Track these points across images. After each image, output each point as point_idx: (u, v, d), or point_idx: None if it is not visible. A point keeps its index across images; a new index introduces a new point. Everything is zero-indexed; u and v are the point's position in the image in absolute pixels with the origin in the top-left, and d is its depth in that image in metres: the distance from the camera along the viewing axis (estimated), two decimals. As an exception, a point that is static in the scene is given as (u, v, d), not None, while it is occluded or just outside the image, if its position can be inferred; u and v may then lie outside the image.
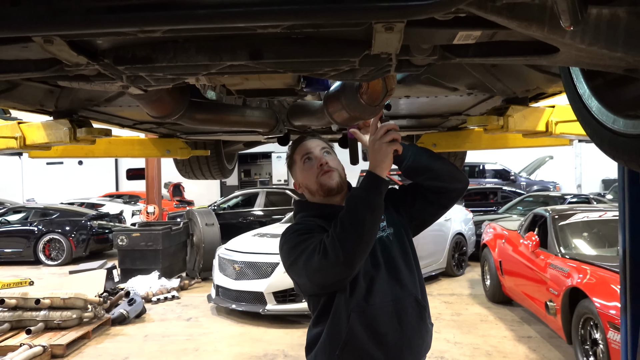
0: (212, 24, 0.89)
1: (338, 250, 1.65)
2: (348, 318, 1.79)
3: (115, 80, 1.38)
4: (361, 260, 1.72)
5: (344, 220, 1.68)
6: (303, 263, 1.75)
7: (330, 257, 1.66)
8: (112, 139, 3.66)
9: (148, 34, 1.00)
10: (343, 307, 1.80)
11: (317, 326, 1.88)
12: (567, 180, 20.20)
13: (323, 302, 1.85)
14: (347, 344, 1.79)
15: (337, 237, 1.66)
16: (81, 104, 2.48)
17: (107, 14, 0.86)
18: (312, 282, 1.79)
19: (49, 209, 12.90)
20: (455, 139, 3.74)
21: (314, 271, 1.73)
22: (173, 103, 1.79)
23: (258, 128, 2.44)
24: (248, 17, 0.86)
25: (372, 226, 1.70)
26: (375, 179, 1.71)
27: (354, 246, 1.66)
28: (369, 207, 1.68)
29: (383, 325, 1.80)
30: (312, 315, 1.92)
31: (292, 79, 1.66)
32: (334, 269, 1.69)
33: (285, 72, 1.29)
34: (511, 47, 1.22)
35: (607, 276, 4.55)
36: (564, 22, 0.85)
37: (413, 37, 1.17)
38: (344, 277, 1.73)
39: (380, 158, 1.71)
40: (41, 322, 6.14)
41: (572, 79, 1.36)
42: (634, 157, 1.16)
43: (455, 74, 2.09)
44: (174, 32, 1.04)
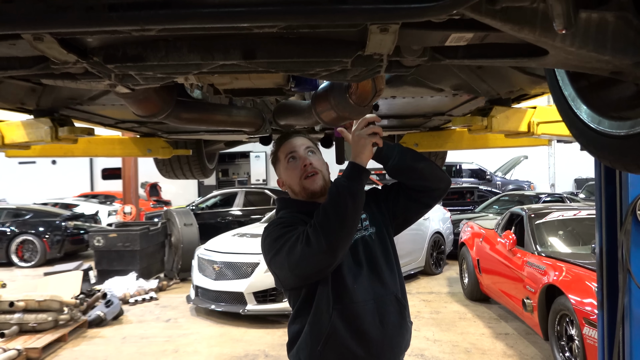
0: (214, 24, 0.89)
1: (321, 238, 1.67)
2: (330, 314, 1.81)
3: (102, 78, 1.36)
4: (344, 249, 1.74)
5: (326, 208, 1.71)
6: (286, 253, 1.76)
7: (313, 245, 1.68)
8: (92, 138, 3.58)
9: (143, 32, 0.99)
10: (325, 303, 1.82)
11: (297, 321, 1.89)
12: (541, 179, 20.60)
13: (303, 296, 1.86)
14: (329, 340, 1.81)
15: (319, 225, 1.68)
16: (64, 103, 2.43)
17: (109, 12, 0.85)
18: (295, 272, 1.80)
19: (21, 209, 12.60)
20: (437, 139, 3.79)
21: (297, 261, 1.74)
22: (160, 102, 1.77)
23: (244, 127, 2.43)
24: (249, 17, 0.86)
25: (354, 214, 1.72)
26: (356, 168, 1.74)
27: (337, 234, 1.68)
28: (351, 194, 1.70)
29: (365, 323, 1.83)
30: (292, 309, 1.93)
31: (282, 79, 1.66)
32: (316, 258, 1.70)
33: (277, 72, 1.29)
34: (501, 49, 1.24)
35: (582, 273, 4.66)
36: (557, 25, 0.87)
37: (405, 39, 1.18)
38: (326, 266, 1.75)
39: (360, 149, 1.75)
40: (15, 325, 6.00)
41: (557, 81, 1.39)
42: (619, 157, 1.20)
43: (441, 74, 2.12)
44: (167, 31, 1.03)
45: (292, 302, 1.95)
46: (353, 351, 1.83)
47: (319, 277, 1.82)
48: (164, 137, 3.67)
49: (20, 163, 20.75)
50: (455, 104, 2.82)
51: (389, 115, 3.28)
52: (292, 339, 1.93)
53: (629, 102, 1.24)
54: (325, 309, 1.83)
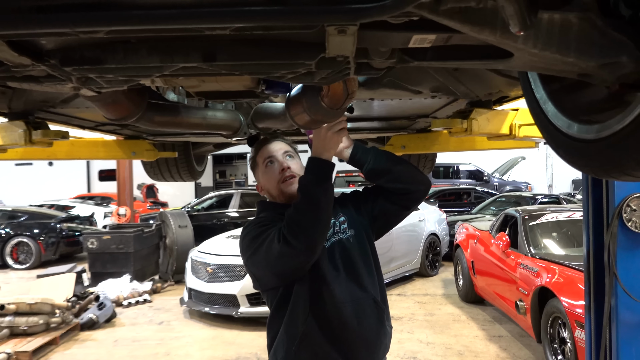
0: (144, 26, 0.86)
1: (297, 235, 1.67)
2: (306, 315, 1.81)
3: (65, 81, 1.33)
4: (321, 244, 1.75)
5: (298, 205, 1.71)
6: (264, 252, 1.76)
7: (290, 243, 1.68)
8: (75, 141, 3.57)
9: (91, 34, 0.96)
10: (301, 304, 1.82)
11: (275, 322, 1.90)
12: (539, 180, 20.59)
13: (280, 297, 1.86)
14: (303, 340, 1.81)
15: (295, 223, 1.69)
16: (37, 106, 2.40)
17: (36, 13, 0.82)
18: (273, 271, 1.81)
19: (16, 211, 12.56)
20: (424, 141, 3.77)
21: (275, 259, 1.74)
22: (130, 105, 1.74)
23: (221, 130, 2.40)
24: (179, 20, 0.83)
25: (327, 208, 1.72)
26: (322, 163, 1.75)
27: (313, 230, 1.69)
28: (321, 190, 1.70)
29: (341, 325, 1.83)
30: (270, 310, 1.93)
31: (250, 81, 1.63)
32: (294, 255, 1.71)
33: (242, 75, 1.27)
34: (468, 51, 1.21)
35: (574, 276, 4.63)
36: (512, 27, 0.85)
37: (369, 41, 1.15)
38: (304, 263, 1.76)
39: (331, 145, 1.77)
40: (6, 329, 5.96)
41: (529, 83, 1.36)
42: (587, 162, 1.17)
43: (418, 77, 2.09)
44: (120, 33, 1.00)
45: (269, 302, 1.95)
46: (327, 352, 1.83)
47: (297, 275, 1.82)
48: (149, 140, 3.65)
49: (17, 165, 20.74)
50: (439, 106, 2.80)
51: (374, 117, 3.25)
52: (271, 340, 1.93)
53: (600, 106, 1.21)
54: (302, 310, 1.83)
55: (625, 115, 1.01)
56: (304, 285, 1.83)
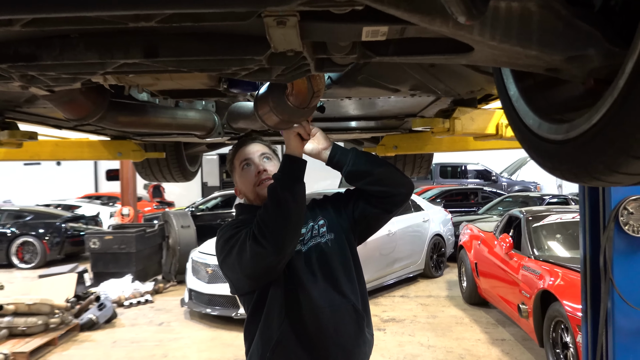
0: (56, 14, 0.78)
1: (266, 235, 1.63)
2: (281, 321, 1.76)
3: (9, 79, 1.26)
4: (292, 243, 1.71)
5: (267, 205, 1.67)
6: (236, 254, 1.72)
7: (259, 242, 1.64)
8: (60, 141, 3.53)
9: (5, 26, 0.89)
10: (276, 309, 1.78)
11: (251, 327, 1.85)
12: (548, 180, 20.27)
13: (255, 302, 1.82)
14: (277, 347, 1.77)
15: (263, 223, 1.65)
16: (1, 105, 2.35)
17: None
18: (245, 272, 1.76)
19: (22, 210, 12.62)
20: (417, 141, 3.66)
21: (246, 260, 1.70)
22: (89, 104, 1.67)
23: (193, 131, 2.33)
24: (98, 6, 0.76)
25: (297, 207, 1.68)
26: (289, 159, 1.72)
27: (282, 230, 1.65)
28: (289, 188, 1.67)
29: (317, 331, 1.78)
30: (246, 313, 1.88)
31: (208, 79, 1.55)
32: (264, 255, 1.66)
33: (191, 72, 1.19)
34: (429, 45, 1.12)
35: (577, 279, 4.49)
36: (457, 16, 0.76)
37: (318, 34, 1.07)
38: (275, 263, 1.71)
39: (287, 142, 1.74)
40: (5, 329, 5.96)
41: (502, 79, 1.27)
42: (556, 165, 1.07)
43: (395, 74, 1.99)
44: (40, 25, 0.93)
45: (245, 307, 1.90)
46: (302, 359, 1.77)
47: (270, 277, 1.77)
48: (135, 140, 3.59)
49: (25, 164, 20.88)
50: (426, 104, 2.70)
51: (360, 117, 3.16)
52: (248, 345, 1.89)
53: (574, 104, 1.12)
54: (276, 316, 1.78)
55: (592, 114, 0.91)
56: (279, 289, 1.78)
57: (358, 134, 3.97)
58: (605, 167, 0.91)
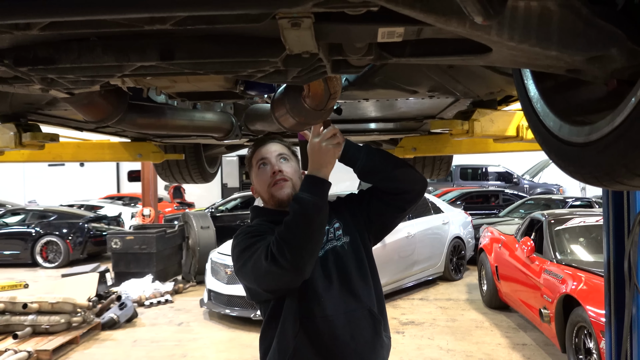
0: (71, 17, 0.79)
1: (286, 256, 1.59)
2: (297, 329, 1.74)
3: (30, 82, 1.28)
4: (310, 265, 1.67)
5: (290, 224, 1.62)
6: (251, 266, 1.70)
7: (278, 261, 1.60)
8: (82, 143, 3.58)
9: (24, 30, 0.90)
10: (292, 316, 1.75)
11: (267, 335, 1.83)
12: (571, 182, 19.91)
13: (271, 309, 1.80)
14: (294, 355, 1.74)
15: (284, 242, 1.61)
16: (24, 108, 2.39)
17: None
18: (260, 286, 1.75)
19: (46, 211, 12.87)
20: (436, 143, 3.62)
21: (262, 275, 1.68)
22: (108, 106, 1.69)
23: (210, 132, 2.34)
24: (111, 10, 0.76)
25: (320, 229, 1.65)
26: (319, 182, 1.66)
27: (301, 250, 1.61)
28: (315, 210, 1.62)
29: (332, 339, 1.75)
30: (263, 320, 1.86)
31: (225, 81, 1.55)
32: (282, 274, 1.63)
33: (207, 74, 1.19)
34: (446, 46, 1.11)
35: (601, 284, 4.38)
36: (473, 16, 0.74)
37: (334, 35, 1.06)
38: (291, 282, 1.69)
39: (327, 160, 1.67)
40: (29, 327, 6.07)
41: (522, 81, 1.24)
42: (577, 169, 1.05)
43: (413, 76, 1.97)
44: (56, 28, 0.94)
45: (262, 313, 1.88)
46: None
47: (287, 291, 1.75)
48: (155, 141, 3.62)
49: (49, 165, 21.30)
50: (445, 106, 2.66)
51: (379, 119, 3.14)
52: (263, 352, 1.86)
53: (596, 106, 1.09)
54: (292, 324, 1.75)
55: (614, 116, 0.89)
56: (294, 297, 1.76)
57: (376, 135, 3.95)
58: (628, 170, 0.88)
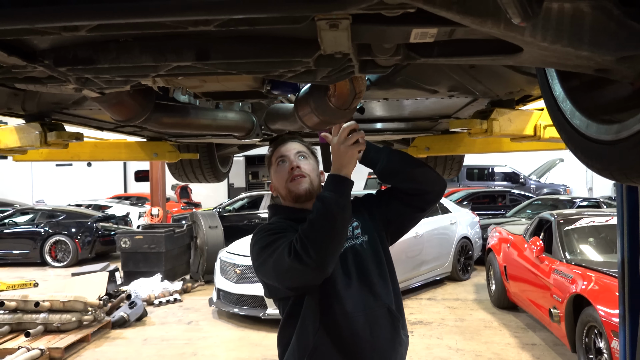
0: (127, 20, 0.82)
1: (310, 253, 1.61)
2: (316, 327, 1.76)
3: (65, 82, 1.32)
4: (333, 263, 1.68)
5: (313, 222, 1.64)
6: (273, 264, 1.71)
7: (301, 259, 1.62)
8: (99, 142, 3.63)
9: (72, 32, 0.94)
10: (312, 313, 1.77)
11: (286, 332, 1.85)
12: (578, 183, 19.88)
13: (291, 306, 1.82)
14: (314, 352, 1.76)
15: (308, 240, 1.62)
16: (50, 107, 2.43)
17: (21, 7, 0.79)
18: (282, 284, 1.77)
19: (55, 210, 12.95)
20: (449, 143, 3.65)
21: (284, 272, 1.70)
22: (136, 106, 1.73)
23: (232, 132, 2.38)
24: (166, 12, 0.79)
25: (342, 227, 1.66)
26: (341, 181, 1.68)
27: (325, 248, 1.63)
28: (338, 208, 1.64)
29: (352, 336, 1.77)
30: (281, 317, 1.88)
31: (253, 81, 1.59)
32: (305, 271, 1.65)
33: (239, 74, 1.22)
34: (475, 46, 1.13)
35: (612, 283, 4.42)
36: (512, 17, 0.77)
37: (367, 36, 1.09)
38: (313, 279, 1.70)
39: (347, 160, 1.68)
40: (40, 325, 6.12)
41: (547, 80, 1.27)
42: (605, 166, 1.07)
43: (434, 75, 2.00)
44: (103, 30, 0.97)
45: (281, 310, 1.90)
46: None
47: (308, 288, 1.77)
48: (170, 141, 3.67)
49: (57, 165, 21.44)
50: (460, 106, 2.69)
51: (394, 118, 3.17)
52: (282, 349, 1.88)
53: (623, 104, 1.11)
54: (312, 321, 1.77)
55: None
56: (314, 295, 1.78)
57: (389, 135, 3.98)
58: (659, 167, 0.91)
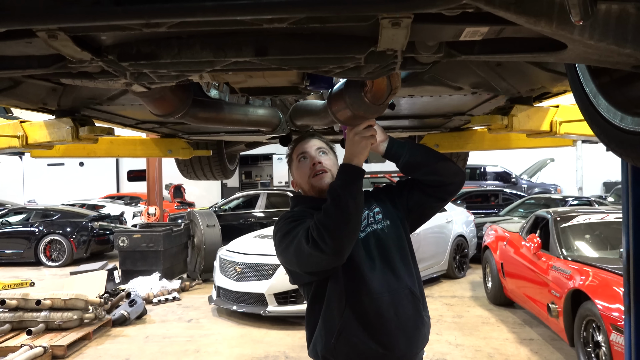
0: (220, 17, 0.88)
1: (325, 239, 1.68)
2: (343, 308, 1.83)
3: (118, 77, 1.38)
4: (349, 248, 1.76)
5: (328, 210, 1.72)
6: (294, 251, 1.80)
7: (318, 246, 1.69)
8: (114, 139, 3.66)
9: (153, 28, 1.00)
10: (336, 296, 1.85)
11: (312, 315, 1.94)
12: (569, 182, 20.15)
13: (314, 290, 1.91)
14: (342, 333, 1.84)
15: (323, 226, 1.70)
16: (84, 103, 2.47)
17: (114, 6, 0.85)
18: (303, 269, 1.85)
19: (49, 210, 12.87)
20: (458, 140, 3.74)
21: (304, 259, 1.78)
22: (176, 101, 1.79)
23: (261, 127, 2.44)
24: (254, 10, 0.85)
25: (356, 213, 1.73)
26: (352, 169, 1.76)
27: (340, 235, 1.70)
28: (351, 195, 1.71)
29: (378, 316, 1.84)
30: (306, 301, 1.97)
31: (296, 77, 1.65)
32: (322, 258, 1.73)
33: (290, 69, 1.29)
34: (518, 43, 1.21)
35: (609, 278, 4.54)
36: (574, 16, 0.84)
37: (419, 34, 1.16)
38: (331, 264, 1.78)
39: (359, 150, 1.76)
40: (42, 323, 6.11)
41: (578, 77, 1.35)
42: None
43: (459, 72, 2.08)
44: (179, 27, 1.03)
45: (305, 295, 2.00)
46: (367, 344, 1.84)
47: (328, 273, 1.86)
48: (184, 138, 3.71)
49: (49, 165, 21.28)
50: (476, 104, 2.77)
51: (409, 115, 3.25)
52: (310, 333, 1.97)
53: (653, 98, 1.20)
54: (337, 303, 1.86)
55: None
56: (338, 278, 1.86)
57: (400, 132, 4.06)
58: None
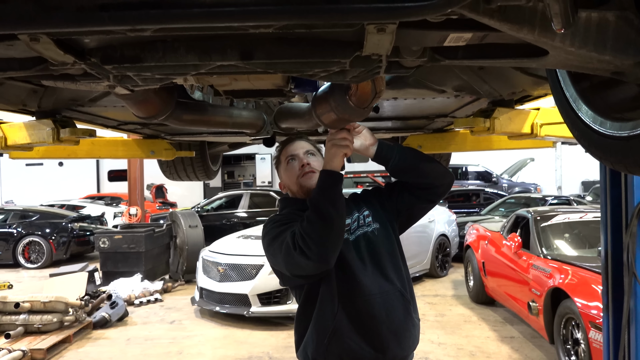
0: (206, 23, 0.88)
1: (310, 246, 1.70)
2: (335, 310, 1.84)
3: (101, 80, 1.36)
4: (335, 253, 1.78)
5: (310, 218, 1.74)
6: (282, 256, 1.81)
7: (304, 253, 1.71)
8: (96, 140, 3.61)
9: (138, 32, 0.99)
10: (329, 298, 1.86)
11: (303, 317, 1.94)
12: (548, 182, 20.46)
13: (306, 293, 1.91)
14: (334, 335, 1.85)
15: (306, 235, 1.71)
16: (65, 104, 2.44)
17: (100, 12, 0.85)
18: (292, 274, 1.87)
19: (28, 210, 12.65)
20: (441, 141, 3.78)
21: (292, 265, 1.79)
22: (160, 103, 1.77)
23: (245, 129, 2.44)
24: (242, 17, 0.86)
25: (338, 218, 1.75)
26: (328, 175, 1.78)
27: (324, 241, 1.72)
28: (330, 200, 1.73)
29: (370, 317, 1.86)
30: (298, 303, 1.98)
31: (281, 80, 1.66)
32: (309, 264, 1.74)
33: (276, 73, 1.29)
34: (501, 49, 1.23)
35: (588, 276, 4.62)
36: (555, 24, 0.86)
37: (404, 39, 1.17)
38: (318, 270, 1.80)
39: (333, 153, 1.80)
40: (21, 326, 6.02)
41: (559, 82, 1.37)
42: (621, 159, 1.18)
43: (442, 76, 2.11)
44: (164, 31, 1.03)
45: (296, 297, 2.00)
46: (358, 344, 1.86)
47: (319, 277, 1.86)
48: (167, 139, 3.68)
49: (27, 165, 20.90)
50: (458, 106, 2.81)
51: (393, 117, 3.27)
52: (299, 336, 1.97)
53: (631, 104, 1.22)
54: (330, 305, 1.86)
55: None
56: (330, 280, 1.87)
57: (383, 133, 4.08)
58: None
